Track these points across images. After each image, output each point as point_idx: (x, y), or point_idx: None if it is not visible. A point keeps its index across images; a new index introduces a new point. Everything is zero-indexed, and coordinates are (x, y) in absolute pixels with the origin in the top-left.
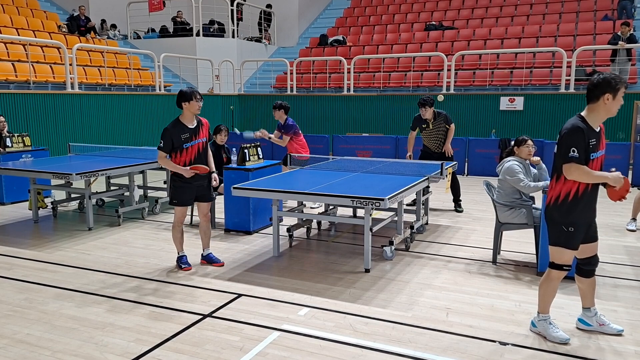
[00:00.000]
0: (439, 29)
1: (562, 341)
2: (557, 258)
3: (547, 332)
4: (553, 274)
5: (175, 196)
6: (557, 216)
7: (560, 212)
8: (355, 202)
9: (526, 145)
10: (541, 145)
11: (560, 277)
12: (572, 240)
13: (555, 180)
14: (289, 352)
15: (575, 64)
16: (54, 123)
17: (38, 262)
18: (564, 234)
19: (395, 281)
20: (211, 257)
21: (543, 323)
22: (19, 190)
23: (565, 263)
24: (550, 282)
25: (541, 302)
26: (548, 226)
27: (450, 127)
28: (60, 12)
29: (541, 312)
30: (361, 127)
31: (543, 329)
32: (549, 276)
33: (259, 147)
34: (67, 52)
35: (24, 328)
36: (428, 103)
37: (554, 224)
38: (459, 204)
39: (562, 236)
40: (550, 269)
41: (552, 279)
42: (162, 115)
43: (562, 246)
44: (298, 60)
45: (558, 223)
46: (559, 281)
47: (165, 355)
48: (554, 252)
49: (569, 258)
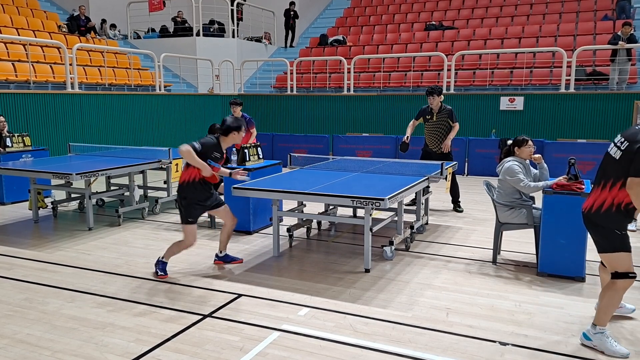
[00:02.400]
0: (439, 29)
1: (623, 356)
2: (619, 265)
3: (605, 346)
4: (619, 285)
5: (190, 214)
6: (607, 222)
7: (611, 218)
8: (355, 202)
9: (527, 146)
10: (541, 145)
11: (627, 286)
12: (628, 243)
13: (610, 186)
14: (289, 352)
15: (575, 64)
16: (54, 123)
17: (38, 262)
18: (618, 238)
19: (395, 281)
20: (229, 256)
21: (601, 337)
22: (19, 190)
23: (629, 269)
24: (616, 293)
25: (602, 315)
26: (597, 235)
27: (455, 126)
28: (60, 12)
29: (599, 325)
30: (361, 127)
31: (600, 342)
32: (615, 287)
33: (259, 147)
34: (67, 52)
35: (24, 328)
36: (436, 91)
37: (605, 231)
38: (458, 204)
39: (617, 240)
40: (615, 279)
41: (618, 289)
42: (162, 115)
43: (621, 250)
44: (298, 60)
45: (611, 229)
46: (624, 292)
47: (165, 355)
48: (615, 260)
49: (630, 263)
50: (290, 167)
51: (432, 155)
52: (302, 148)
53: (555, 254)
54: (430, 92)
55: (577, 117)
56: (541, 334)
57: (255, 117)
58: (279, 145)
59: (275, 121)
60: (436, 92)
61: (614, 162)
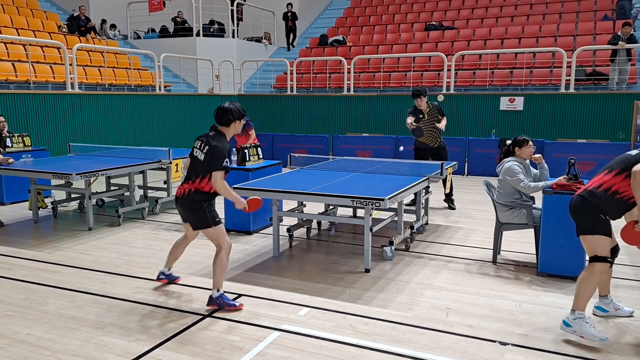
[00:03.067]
0: (439, 29)
1: (601, 339)
2: (599, 249)
3: (584, 330)
4: (597, 268)
5: (216, 214)
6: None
7: (604, 201)
8: (355, 202)
9: (528, 146)
10: (541, 145)
11: (604, 270)
12: (609, 229)
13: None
14: (289, 352)
15: (575, 64)
16: (54, 123)
17: (38, 262)
18: (602, 222)
19: (395, 281)
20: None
21: (579, 322)
22: (19, 190)
23: (606, 254)
24: (593, 276)
25: (579, 299)
26: (583, 217)
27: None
28: (60, 12)
29: (577, 310)
30: (361, 127)
31: (579, 327)
32: (592, 270)
33: (259, 147)
34: (67, 52)
35: (24, 328)
36: (423, 93)
37: (591, 213)
38: (451, 201)
39: (601, 224)
40: (593, 262)
41: (595, 272)
42: (162, 116)
43: (601, 234)
44: (298, 60)
45: (597, 211)
46: (601, 275)
47: (165, 355)
48: (594, 242)
49: (608, 248)
50: (290, 167)
51: (427, 151)
52: (302, 148)
53: (555, 254)
54: (417, 94)
55: (577, 117)
56: (541, 334)
57: (255, 117)
58: (279, 145)
59: (275, 121)
60: (423, 94)
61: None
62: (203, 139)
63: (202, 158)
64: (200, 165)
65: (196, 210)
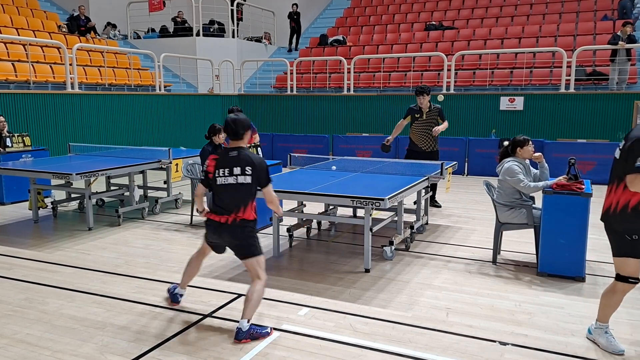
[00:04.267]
0: (439, 29)
1: (617, 352)
2: (623, 269)
3: (601, 340)
4: (618, 287)
5: (258, 242)
6: (617, 226)
7: (621, 221)
8: (355, 202)
9: (529, 146)
10: (541, 145)
11: (626, 290)
12: (637, 249)
13: (615, 188)
14: (289, 352)
15: (575, 64)
16: (54, 123)
17: (38, 262)
18: (628, 243)
19: (395, 281)
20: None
21: (599, 331)
22: (19, 190)
23: (632, 275)
24: (614, 294)
25: (600, 312)
26: (610, 239)
27: (444, 123)
28: (60, 12)
29: (599, 321)
30: (361, 127)
31: (598, 336)
32: (614, 289)
33: (259, 147)
34: (67, 52)
35: (24, 328)
36: (426, 91)
37: (616, 234)
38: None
39: (626, 245)
40: (616, 281)
41: (616, 291)
42: (162, 116)
43: (627, 256)
44: (298, 60)
45: (621, 232)
46: (623, 295)
47: (165, 355)
48: (619, 263)
49: (636, 269)
50: (290, 167)
51: (420, 154)
52: (302, 148)
53: (555, 254)
54: (420, 92)
55: (577, 117)
56: (541, 334)
57: (255, 117)
58: (279, 145)
59: (275, 121)
60: (426, 92)
61: (616, 162)
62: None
63: (250, 180)
64: (246, 190)
65: (250, 238)
